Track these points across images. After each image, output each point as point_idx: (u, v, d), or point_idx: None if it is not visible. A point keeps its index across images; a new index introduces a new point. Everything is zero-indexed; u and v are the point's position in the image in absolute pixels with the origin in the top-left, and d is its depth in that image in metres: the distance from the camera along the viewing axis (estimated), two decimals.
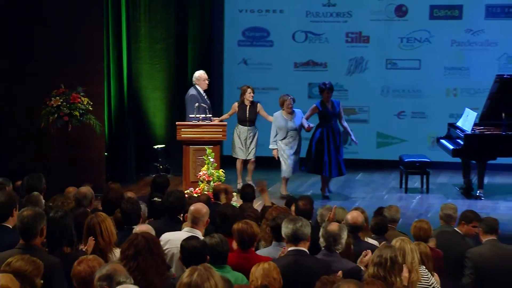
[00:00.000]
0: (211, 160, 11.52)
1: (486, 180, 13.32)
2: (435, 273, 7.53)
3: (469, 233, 8.58)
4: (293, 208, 8.51)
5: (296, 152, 13.04)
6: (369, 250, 6.82)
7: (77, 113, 12.52)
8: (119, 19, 14.24)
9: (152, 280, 5.42)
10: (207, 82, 13.10)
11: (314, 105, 13.03)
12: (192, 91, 13.00)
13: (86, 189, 8.57)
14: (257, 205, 10.34)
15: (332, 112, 12.89)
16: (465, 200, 12.68)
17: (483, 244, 8.19)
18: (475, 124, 13.07)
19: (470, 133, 12.76)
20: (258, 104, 13.49)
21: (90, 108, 12.66)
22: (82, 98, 12.59)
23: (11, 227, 6.97)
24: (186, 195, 9.65)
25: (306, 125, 12.88)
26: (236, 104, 13.45)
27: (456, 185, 13.65)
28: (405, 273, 6.39)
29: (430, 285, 7.05)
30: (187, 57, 15.65)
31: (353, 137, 13.16)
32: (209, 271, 4.47)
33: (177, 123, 12.49)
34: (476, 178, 13.05)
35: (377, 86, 15.58)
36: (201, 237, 6.82)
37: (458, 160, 13.42)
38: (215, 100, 15.53)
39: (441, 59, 15.60)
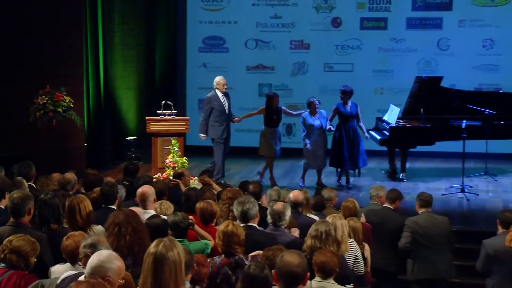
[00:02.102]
0: (176, 149, 11.52)
1: (407, 165, 13.45)
2: (365, 244, 7.64)
3: (394, 208, 8.75)
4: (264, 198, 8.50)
5: (323, 147, 12.60)
6: (296, 229, 6.87)
7: (60, 110, 12.50)
8: (96, 29, 14.16)
9: (138, 254, 5.39)
10: (225, 86, 12.74)
11: (335, 106, 12.70)
12: (209, 94, 12.74)
13: (70, 175, 8.54)
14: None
15: (350, 113, 12.54)
16: (390, 182, 12.80)
17: (419, 214, 8.43)
18: (398, 118, 13.17)
19: (394, 125, 12.88)
20: (282, 107, 12.99)
21: (72, 105, 12.64)
22: (65, 97, 12.57)
23: (3, 207, 6.95)
24: (154, 179, 9.66)
25: (328, 127, 12.56)
26: (263, 108, 12.91)
27: (383, 170, 13.77)
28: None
29: (356, 255, 7.16)
30: (155, 61, 15.61)
31: (366, 135, 12.88)
32: (173, 242, 4.47)
33: (146, 118, 12.43)
34: (400, 164, 13.19)
35: (317, 86, 15.62)
36: (155, 214, 6.86)
37: (384, 148, 13.54)
38: (178, 98, 15.49)
39: (370, 63, 15.68)
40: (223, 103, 12.65)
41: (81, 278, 4.44)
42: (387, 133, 12.99)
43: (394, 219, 8.57)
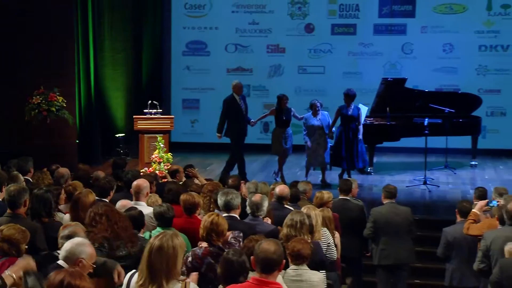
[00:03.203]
0: (161, 145, 11.48)
1: (375, 159, 13.53)
2: (336, 232, 7.67)
3: (352, 197, 8.80)
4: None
5: (323, 146, 12.29)
6: (268, 218, 6.89)
7: (53, 109, 12.42)
8: (87, 34, 14.12)
9: (125, 242, 5.38)
10: (242, 89, 12.52)
11: (338, 108, 12.40)
12: (227, 97, 12.50)
13: (64, 170, 8.53)
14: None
15: (351, 115, 12.27)
16: (359, 175, 12.79)
17: (384, 205, 8.46)
18: (366, 116, 13.24)
19: (363, 123, 12.92)
20: (292, 109, 12.58)
21: (64, 105, 12.55)
22: (58, 97, 12.48)
23: (0, 199, 6.91)
24: (141, 173, 9.63)
25: (330, 133, 12.34)
26: (273, 109, 12.60)
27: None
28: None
29: (329, 242, 7.19)
30: (141, 64, 15.54)
31: (360, 137, 12.35)
32: (174, 235, 4.48)
33: (134, 116, 12.40)
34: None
35: (292, 87, 15.63)
36: (146, 206, 6.84)
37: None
38: (164, 98, 15.44)
39: (340, 66, 15.71)
40: (241, 105, 12.40)
41: (61, 262, 4.47)
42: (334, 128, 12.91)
43: (350, 209, 8.59)
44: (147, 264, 4.35)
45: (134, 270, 4.64)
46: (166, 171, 10.45)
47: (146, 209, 6.66)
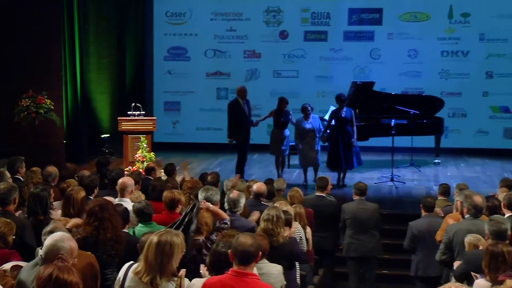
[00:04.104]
0: (144, 145, 11.44)
1: None
2: (308, 227, 7.70)
3: (326, 194, 8.82)
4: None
5: (313, 148, 12.09)
6: (257, 212, 6.90)
7: (42, 111, 12.34)
8: (73, 40, 14.04)
9: (119, 235, 5.35)
10: (246, 94, 12.27)
11: (332, 111, 12.21)
12: (231, 101, 12.40)
13: (51, 169, 8.44)
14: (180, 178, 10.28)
15: (344, 118, 12.03)
16: (331, 173, 12.82)
17: (353, 201, 8.50)
18: None
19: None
20: (290, 112, 12.44)
21: (52, 107, 12.47)
22: (46, 100, 12.40)
23: None
24: (126, 172, 9.59)
25: (321, 138, 12.13)
26: (273, 110, 12.44)
27: (324, 162, 13.81)
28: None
29: (300, 236, 7.21)
30: (125, 69, 15.49)
31: (354, 138, 12.14)
32: (174, 235, 4.51)
33: (118, 118, 12.32)
34: None
35: (267, 90, 15.65)
36: (130, 202, 6.81)
37: (325, 144, 13.54)
38: (146, 101, 15.38)
39: (312, 70, 15.75)
40: (244, 109, 12.24)
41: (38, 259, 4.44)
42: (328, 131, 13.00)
43: (324, 205, 8.61)
44: (145, 257, 4.40)
45: (131, 262, 4.63)
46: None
47: (130, 206, 6.64)
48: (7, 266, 4.74)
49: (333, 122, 12.24)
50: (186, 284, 4.49)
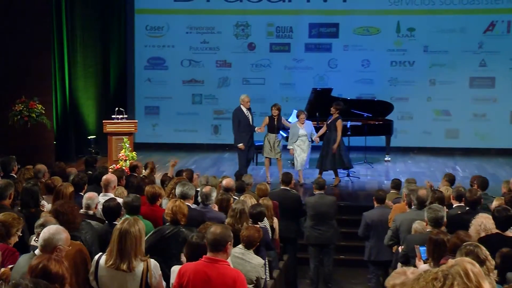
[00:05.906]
0: (127, 145, 11.37)
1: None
2: (275, 217, 7.71)
3: (291, 188, 8.85)
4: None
5: (305, 151, 11.85)
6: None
7: (34, 115, 12.27)
8: (62, 50, 13.91)
9: (75, 219, 5.29)
10: (249, 102, 11.98)
11: (339, 120, 11.69)
12: (236, 109, 12.01)
13: (41, 166, 8.36)
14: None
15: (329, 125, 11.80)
16: (293, 170, 12.87)
17: (314, 195, 8.53)
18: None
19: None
20: (282, 118, 12.14)
21: (43, 111, 12.41)
22: (37, 105, 12.34)
23: None
24: (110, 169, 9.51)
25: (315, 138, 11.88)
26: (267, 118, 12.09)
27: (288, 160, 13.86)
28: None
29: (266, 226, 7.22)
30: (109, 77, 15.36)
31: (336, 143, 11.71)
32: (136, 220, 4.52)
33: (103, 121, 12.21)
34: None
35: (237, 96, 15.15)
36: (113, 197, 6.76)
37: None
38: (128, 105, 15.30)
39: (277, 78, 15.78)
40: (247, 117, 11.93)
41: (37, 251, 4.35)
42: None
43: (289, 198, 8.60)
44: (118, 247, 4.38)
45: (100, 253, 4.60)
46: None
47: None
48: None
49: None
50: (152, 264, 4.52)
